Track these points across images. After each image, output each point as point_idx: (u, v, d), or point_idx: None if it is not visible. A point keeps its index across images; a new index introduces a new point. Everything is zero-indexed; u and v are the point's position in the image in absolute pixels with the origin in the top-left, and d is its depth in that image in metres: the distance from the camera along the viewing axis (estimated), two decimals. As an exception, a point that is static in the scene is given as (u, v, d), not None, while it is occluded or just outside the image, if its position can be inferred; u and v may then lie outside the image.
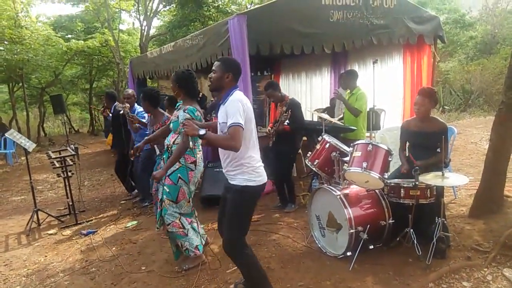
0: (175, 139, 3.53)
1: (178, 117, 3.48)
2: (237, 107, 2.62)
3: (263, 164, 2.84)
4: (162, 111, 4.95)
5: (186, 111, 3.41)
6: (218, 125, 2.84)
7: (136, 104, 5.73)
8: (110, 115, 6.36)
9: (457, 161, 6.76)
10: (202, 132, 2.59)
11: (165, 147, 3.62)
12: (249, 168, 2.72)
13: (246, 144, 2.68)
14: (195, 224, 3.70)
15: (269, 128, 4.91)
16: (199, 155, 3.59)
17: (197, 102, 3.64)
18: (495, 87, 14.58)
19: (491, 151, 4.12)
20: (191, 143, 3.30)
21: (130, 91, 5.88)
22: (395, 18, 5.79)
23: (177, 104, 3.73)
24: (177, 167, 3.46)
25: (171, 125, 3.58)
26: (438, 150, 3.60)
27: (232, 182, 2.79)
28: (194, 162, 3.52)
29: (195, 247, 3.60)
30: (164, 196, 3.50)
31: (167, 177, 3.47)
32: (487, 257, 3.39)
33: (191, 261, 3.64)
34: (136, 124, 5.33)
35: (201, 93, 3.80)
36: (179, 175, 3.47)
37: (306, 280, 3.33)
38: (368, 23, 5.55)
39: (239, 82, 4.61)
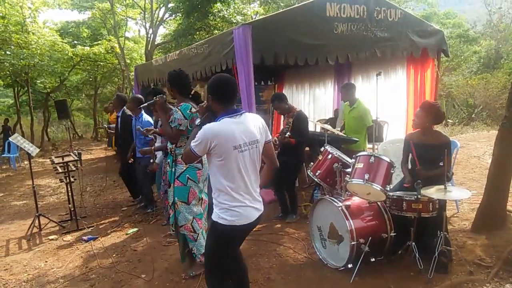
0: (177, 141, 3.56)
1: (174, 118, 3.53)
2: (203, 135, 2.37)
3: (251, 205, 2.46)
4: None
5: (179, 108, 3.51)
6: None
7: (142, 111, 5.68)
8: (106, 127, 6.37)
9: (460, 175, 6.74)
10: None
11: (168, 151, 3.64)
12: (222, 204, 2.41)
13: (223, 177, 2.40)
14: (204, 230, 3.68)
15: (275, 138, 4.92)
16: None
17: (191, 99, 3.67)
18: (498, 102, 14.64)
19: (493, 165, 4.11)
20: None
21: (139, 96, 5.93)
22: (399, 31, 5.82)
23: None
24: (184, 168, 3.49)
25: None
26: (441, 163, 3.60)
27: None
28: (200, 161, 3.52)
29: (202, 254, 3.56)
30: (176, 198, 3.52)
31: (176, 180, 3.50)
32: (489, 272, 3.37)
33: (197, 267, 3.63)
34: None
35: (193, 90, 3.82)
36: (187, 175, 3.49)
37: (307, 291, 3.31)
38: (372, 35, 5.57)
39: (242, 90, 4.70)
